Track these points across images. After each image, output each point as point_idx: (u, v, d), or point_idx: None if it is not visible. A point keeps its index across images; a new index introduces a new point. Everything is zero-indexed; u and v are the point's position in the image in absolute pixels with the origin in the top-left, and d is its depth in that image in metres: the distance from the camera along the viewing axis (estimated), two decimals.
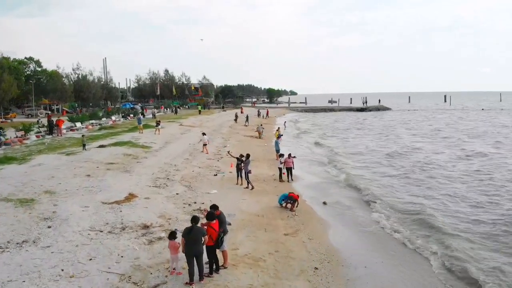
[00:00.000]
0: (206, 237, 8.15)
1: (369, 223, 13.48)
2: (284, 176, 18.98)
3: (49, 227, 10.70)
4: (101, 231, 10.67)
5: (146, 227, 11.27)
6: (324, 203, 15.68)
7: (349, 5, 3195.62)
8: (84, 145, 23.10)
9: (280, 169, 19.09)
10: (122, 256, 9.23)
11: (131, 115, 51.83)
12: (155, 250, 9.68)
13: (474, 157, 26.35)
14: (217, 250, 8.64)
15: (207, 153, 24.70)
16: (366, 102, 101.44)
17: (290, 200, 14.22)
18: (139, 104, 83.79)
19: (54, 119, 34.08)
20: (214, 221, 8.50)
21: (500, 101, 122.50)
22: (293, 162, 19.18)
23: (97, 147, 24.23)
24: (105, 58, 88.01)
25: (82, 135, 25.02)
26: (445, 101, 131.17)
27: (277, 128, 36.85)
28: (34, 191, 14.01)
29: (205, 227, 8.47)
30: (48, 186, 14.64)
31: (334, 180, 20.23)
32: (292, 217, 13.45)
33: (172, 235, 8.53)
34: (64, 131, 33.21)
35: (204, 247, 8.23)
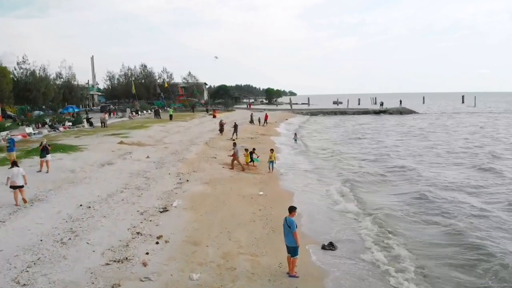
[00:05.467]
0: None
1: None
2: None
3: None
4: None
5: None
6: None
7: (348, 6, 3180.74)
8: None
9: None
10: None
11: (69, 124, 35.70)
12: None
13: None
14: None
15: (17, 204, 11.44)
16: (382, 104, 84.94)
17: None
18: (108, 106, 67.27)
19: None
20: None
21: None
22: None
23: None
24: (92, 56, 73.74)
25: None
26: (462, 102, 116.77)
27: (271, 150, 20.37)
28: None
29: None
30: None
31: None
32: None
33: None
34: None
35: None
